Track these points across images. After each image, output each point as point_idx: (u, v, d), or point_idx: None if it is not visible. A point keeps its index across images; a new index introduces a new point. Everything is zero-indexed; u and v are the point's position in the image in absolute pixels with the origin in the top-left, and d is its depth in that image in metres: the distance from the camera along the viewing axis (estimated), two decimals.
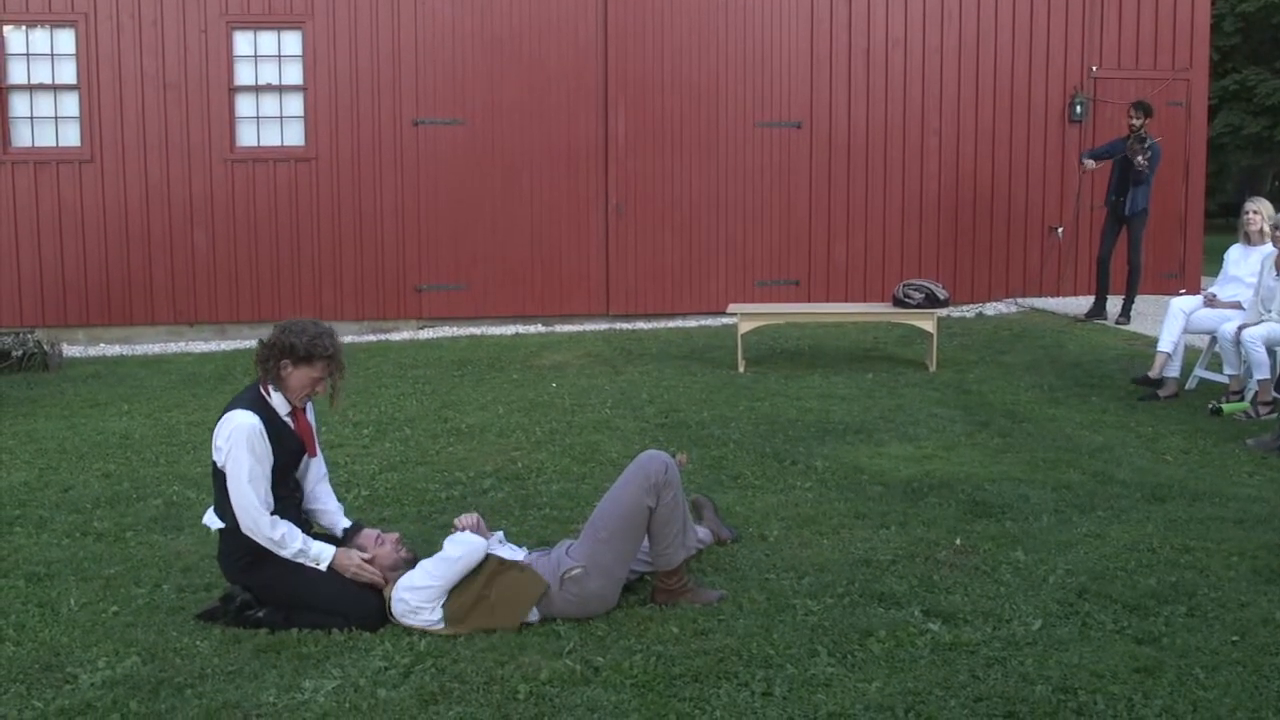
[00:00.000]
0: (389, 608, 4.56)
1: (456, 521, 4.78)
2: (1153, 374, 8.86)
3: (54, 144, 13.03)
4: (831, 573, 5.02)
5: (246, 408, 4.63)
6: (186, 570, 5.28)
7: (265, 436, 4.61)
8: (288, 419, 4.76)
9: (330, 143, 13.26)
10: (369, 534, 4.80)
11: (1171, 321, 8.87)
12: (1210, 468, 6.81)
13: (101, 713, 3.84)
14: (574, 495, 6.38)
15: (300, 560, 4.62)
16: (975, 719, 3.66)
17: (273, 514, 4.61)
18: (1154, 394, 8.71)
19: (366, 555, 4.72)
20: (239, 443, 4.55)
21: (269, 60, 13.22)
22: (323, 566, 4.63)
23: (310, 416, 4.94)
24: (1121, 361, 9.99)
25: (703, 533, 5.32)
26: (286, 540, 4.59)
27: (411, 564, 4.72)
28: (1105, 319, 12.38)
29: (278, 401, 4.73)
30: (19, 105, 12.99)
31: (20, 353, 11.14)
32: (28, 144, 13.02)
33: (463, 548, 4.55)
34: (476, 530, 4.75)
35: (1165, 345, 8.82)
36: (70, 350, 12.42)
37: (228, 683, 4.06)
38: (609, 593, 4.59)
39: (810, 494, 6.34)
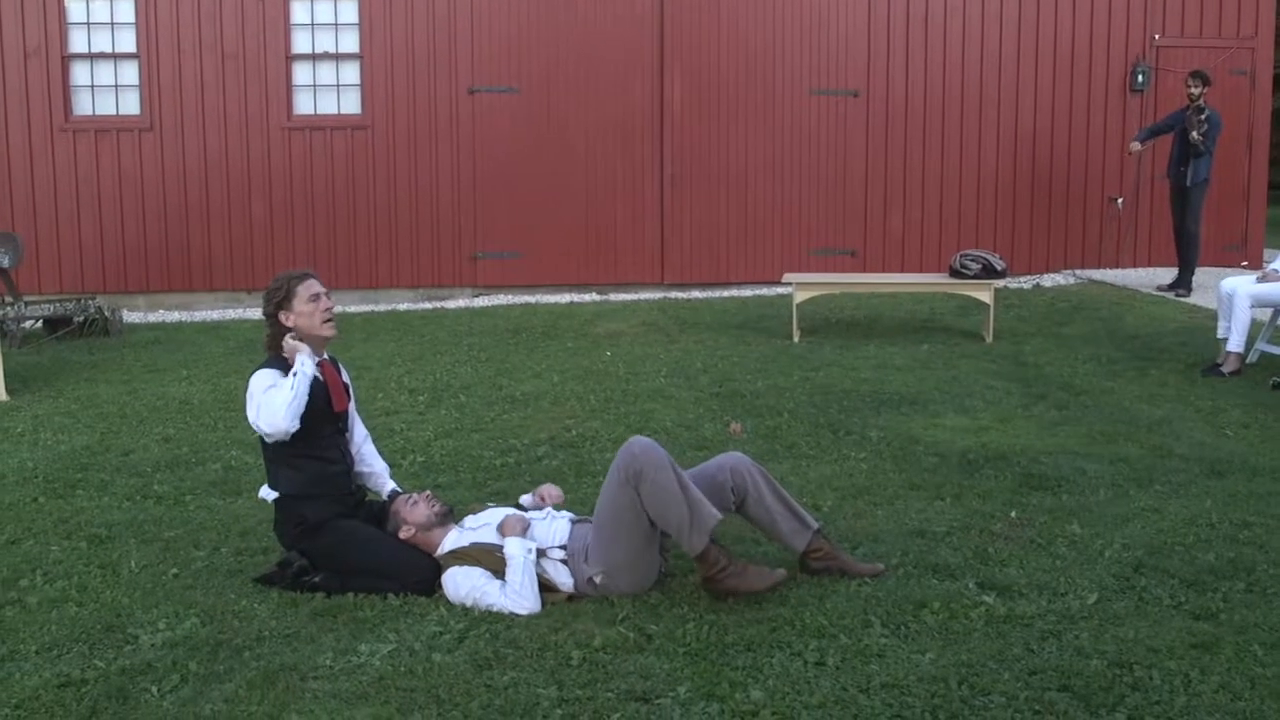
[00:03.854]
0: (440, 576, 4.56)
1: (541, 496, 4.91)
2: (1225, 369, 8.56)
3: (114, 112, 13.18)
4: (885, 544, 5.00)
5: (263, 368, 4.70)
6: (244, 534, 5.35)
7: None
8: (315, 373, 4.74)
9: (386, 111, 13.31)
10: (399, 500, 4.81)
11: (1239, 313, 8.50)
12: (1271, 443, 6.70)
13: (161, 673, 3.89)
14: None
15: (302, 379, 4.58)
16: (1029, 692, 3.63)
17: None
18: (1217, 368, 8.57)
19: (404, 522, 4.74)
20: (255, 386, 4.62)
21: (325, 28, 13.27)
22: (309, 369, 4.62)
23: (345, 377, 4.98)
24: (1181, 335, 9.85)
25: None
26: (284, 389, 4.56)
27: (446, 516, 4.72)
28: (1189, 290, 12.12)
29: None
30: (80, 74, 13.13)
31: (82, 318, 11.30)
32: (88, 112, 13.17)
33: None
34: (553, 500, 4.84)
35: (1235, 345, 8.54)
36: (130, 316, 12.58)
37: (285, 645, 4.11)
38: (641, 578, 4.48)
39: (865, 464, 6.31)
